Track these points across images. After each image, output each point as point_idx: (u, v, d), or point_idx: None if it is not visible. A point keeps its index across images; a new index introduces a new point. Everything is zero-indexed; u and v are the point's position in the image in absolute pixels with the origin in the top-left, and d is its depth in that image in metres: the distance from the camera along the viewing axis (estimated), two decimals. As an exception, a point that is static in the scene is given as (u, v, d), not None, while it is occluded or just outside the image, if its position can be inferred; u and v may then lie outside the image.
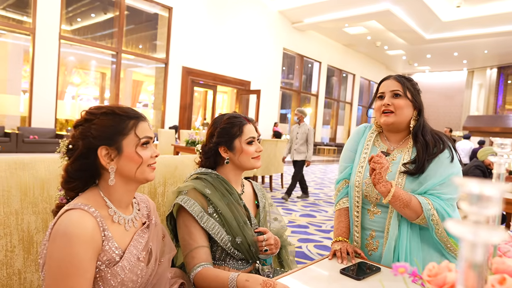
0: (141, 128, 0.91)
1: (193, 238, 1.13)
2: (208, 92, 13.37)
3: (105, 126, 0.87)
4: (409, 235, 1.26)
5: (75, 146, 0.87)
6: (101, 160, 0.86)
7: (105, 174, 0.90)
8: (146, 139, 0.91)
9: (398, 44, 16.00)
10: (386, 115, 1.33)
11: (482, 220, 0.29)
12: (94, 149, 0.86)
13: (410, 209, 1.21)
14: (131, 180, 0.91)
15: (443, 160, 1.26)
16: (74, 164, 0.87)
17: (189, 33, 10.57)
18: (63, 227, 0.79)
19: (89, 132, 0.86)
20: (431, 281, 0.61)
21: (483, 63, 19.43)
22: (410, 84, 1.33)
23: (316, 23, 13.59)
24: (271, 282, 0.91)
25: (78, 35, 10.87)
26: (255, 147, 1.26)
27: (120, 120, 0.89)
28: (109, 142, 0.87)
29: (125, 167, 0.88)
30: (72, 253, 0.77)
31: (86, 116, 0.89)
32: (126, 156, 0.88)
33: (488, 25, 13.19)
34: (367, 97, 20.05)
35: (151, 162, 0.93)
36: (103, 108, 0.90)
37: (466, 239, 0.29)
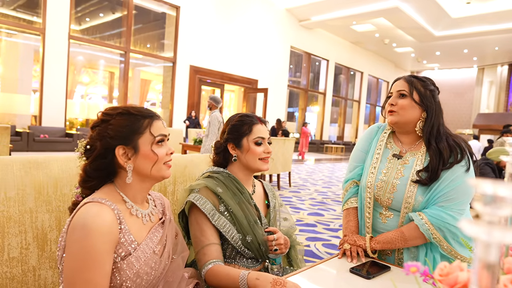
0: (155, 126, 0.93)
1: (205, 235, 1.14)
2: (215, 90, 13.41)
3: (121, 126, 0.90)
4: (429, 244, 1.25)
5: (93, 146, 0.90)
6: (118, 159, 0.89)
7: (121, 173, 0.92)
8: (161, 137, 0.93)
9: (406, 42, 15.85)
10: (390, 114, 1.32)
11: (496, 221, 0.29)
12: (111, 149, 0.89)
13: (413, 240, 1.21)
14: (147, 178, 0.94)
15: (457, 170, 1.22)
16: (92, 164, 0.90)
17: (197, 32, 10.60)
18: (82, 220, 0.81)
19: (106, 132, 0.89)
20: (442, 281, 0.61)
21: (494, 60, 19.14)
22: (421, 85, 1.29)
23: (324, 20, 13.52)
24: (281, 281, 0.92)
25: (87, 35, 10.97)
26: (263, 148, 1.26)
27: (135, 120, 0.91)
28: (125, 141, 0.89)
29: (141, 166, 0.91)
30: (90, 246, 0.79)
31: (102, 117, 0.92)
32: (142, 155, 0.91)
33: (498, 22, 13.00)
34: (375, 95, 19.91)
35: (167, 160, 0.95)
36: (119, 109, 0.93)
37: (480, 239, 0.29)
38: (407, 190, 1.25)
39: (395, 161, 1.34)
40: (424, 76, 1.36)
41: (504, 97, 20.03)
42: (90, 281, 0.79)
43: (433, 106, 1.28)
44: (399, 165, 1.32)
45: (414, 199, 1.24)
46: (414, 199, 1.24)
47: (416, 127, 1.30)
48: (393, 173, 1.31)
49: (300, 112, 16.00)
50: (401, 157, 1.34)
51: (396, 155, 1.35)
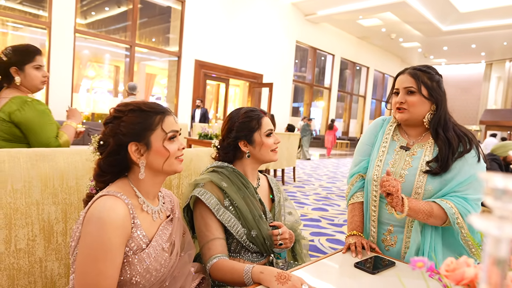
0: (167, 122, 0.94)
1: (209, 230, 1.15)
2: (220, 85, 13.39)
3: (133, 123, 0.91)
4: (433, 234, 1.24)
5: (106, 142, 0.91)
6: (131, 155, 0.90)
7: (134, 168, 0.94)
8: (173, 133, 0.95)
9: (413, 36, 15.67)
10: (400, 112, 1.30)
11: (507, 215, 0.29)
12: (124, 145, 0.90)
13: (435, 218, 1.18)
14: (159, 173, 0.95)
15: (469, 159, 1.22)
16: (106, 160, 0.92)
17: (202, 26, 10.57)
18: (97, 212, 0.83)
19: (119, 129, 0.90)
20: (449, 276, 0.60)
21: (502, 55, 18.87)
22: (427, 77, 1.27)
23: (330, 15, 13.40)
24: (285, 274, 0.92)
25: (92, 29, 10.98)
26: (274, 138, 1.28)
27: (147, 116, 0.92)
28: (138, 138, 0.90)
29: (154, 161, 0.92)
30: (104, 238, 0.81)
31: (114, 114, 0.93)
32: (155, 151, 0.92)
33: (507, 16, 12.79)
34: (381, 90, 19.76)
35: (179, 155, 0.97)
36: (130, 105, 0.94)
37: (490, 234, 0.29)
38: (416, 180, 1.25)
39: (403, 153, 1.33)
40: (425, 65, 1.33)
41: (512, 93, 19.78)
42: (101, 272, 0.80)
43: (441, 97, 1.27)
44: (407, 156, 1.31)
45: (423, 189, 1.24)
46: (423, 188, 1.24)
47: (424, 119, 1.29)
48: (401, 164, 1.31)
49: (305, 107, 15.93)
50: (409, 148, 1.33)
51: (403, 147, 1.34)
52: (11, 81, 1.66)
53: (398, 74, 1.34)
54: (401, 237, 1.29)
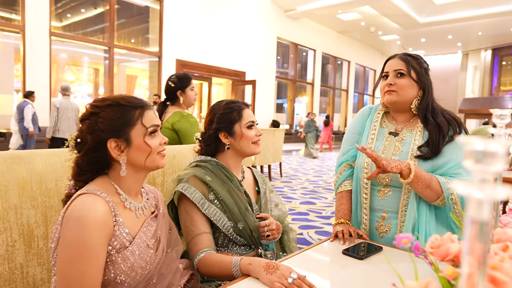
0: (147, 117, 0.91)
1: (195, 224, 1.13)
2: (203, 84, 13.29)
3: (111, 119, 0.88)
4: (427, 217, 1.25)
5: (84, 140, 0.88)
6: (111, 152, 0.87)
7: (115, 165, 0.91)
8: (154, 128, 0.92)
9: (392, 29, 15.90)
10: (389, 93, 1.31)
11: (487, 178, 0.29)
12: (103, 142, 0.87)
13: (432, 190, 1.19)
14: (141, 169, 0.93)
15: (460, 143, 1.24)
16: (84, 158, 0.89)
17: (182, 25, 10.46)
18: (76, 211, 0.80)
19: (97, 125, 0.87)
20: (434, 253, 0.61)
21: (478, 45, 19.38)
22: (416, 63, 1.30)
23: (309, 10, 13.46)
24: (273, 264, 0.91)
25: (68, 31, 10.72)
26: (255, 131, 1.26)
27: (126, 111, 0.89)
28: (117, 134, 0.88)
29: (135, 158, 0.90)
30: (85, 237, 0.78)
31: (91, 110, 0.90)
32: (135, 147, 0.89)
33: (481, 6, 13.12)
34: (363, 84, 19.99)
35: (161, 150, 0.94)
36: (108, 100, 0.90)
37: (473, 197, 0.28)
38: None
39: (392, 139, 1.34)
40: (415, 54, 1.36)
41: (488, 81, 20.34)
42: (83, 273, 0.78)
43: (429, 84, 1.29)
44: (396, 142, 1.33)
45: None
46: None
47: (412, 105, 1.30)
48: (391, 150, 1.32)
49: (289, 103, 15.98)
50: (398, 134, 1.34)
51: (392, 132, 1.35)
52: (175, 100, 2.26)
53: (388, 59, 1.36)
54: (395, 223, 1.30)
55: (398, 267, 1.07)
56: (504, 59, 19.88)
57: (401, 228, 1.28)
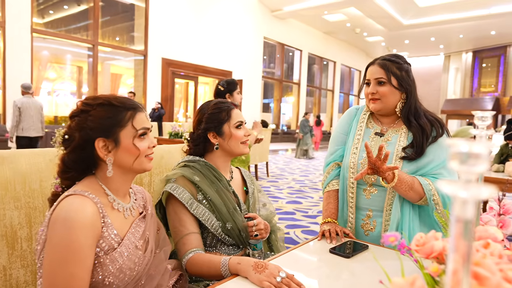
0: (138, 119, 0.90)
1: (184, 225, 1.13)
2: (189, 83, 13.19)
3: (102, 118, 0.86)
4: (411, 216, 1.28)
5: (72, 137, 0.86)
6: (98, 152, 0.86)
7: (102, 165, 0.90)
8: (144, 131, 0.91)
9: (377, 31, 16.14)
10: (373, 102, 1.34)
11: (472, 178, 0.30)
12: (91, 141, 0.86)
13: (414, 192, 1.22)
14: (129, 171, 0.92)
15: (442, 143, 1.28)
16: (70, 155, 0.87)
17: (168, 23, 10.36)
18: (64, 213, 0.78)
19: (86, 123, 0.86)
20: (419, 251, 0.63)
21: (459, 47, 19.86)
22: (396, 67, 1.31)
23: (296, 10, 13.54)
24: (262, 263, 0.92)
25: (51, 28, 10.48)
26: (244, 131, 1.27)
27: (117, 112, 0.88)
28: (106, 134, 0.86)
29: (122, 159, 0.89)
30: (73, 239, 0.77)
31: (82, 107, 0.88)
32: (124, 148, 0.88)
33: (462, 10, 13.46)
34: (348, 84, 20.22)
35: (149, 153, 0.93)
36: (100, 99, 0.89)
37: (458, 197, 0.30)
38: (393, 165, 1.28)
39: (378, 139, 1.37)
40: (394, 54, 1.37)
41: (469, 82, 20.88)
42: (71, 276, 0.77)
43: (411, 86, 1.31)
44: (382, 142, 1.35)
45: None
46: None
47: (396, 108, 1.33)
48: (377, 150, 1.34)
49: (275, 103, 16.03)
50: (383, 134, 1.37)
51: (378, 133, 1.38)
52: None
53: (369, 65, 1.37)
54: (380, 221, 1.33)
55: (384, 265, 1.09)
56: (484, 61, 20.43)
57: (386, 227, 1.30)
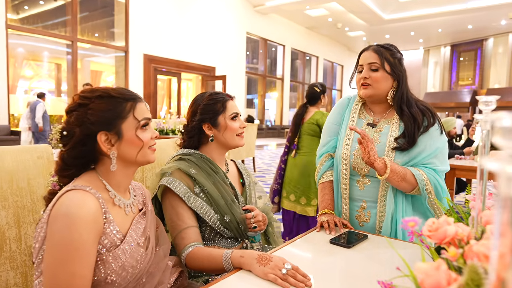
0: (139, 109, 0.88)
1: (181, 219, 1.10)
2: (172, 80, 13.01)
3: (102, 111, 0.83)
4: (404, 205, 1.29)
5: (71, 133, 0.82)
6: (101, 146, 0.83)
7: (103, 159, 0.87)
8: (146, 121, 0.89)
9: (358, 25, 16.30)
10: (364, 87, 1.32)
11: (516, 153, 0.29)
12: (92, 135, 0.82)
13: (407, 182, 1.23)
14: (132, 164, 0.89)
15: (433, 133, 1.28)
16: (71, 152, 0.83)
17: (149, 19, 10.16)
18: (65, 208, 0.75)
19: (86, 117, 0.82)
20: (432, 236, 0.62)
21: (438, 41, 20.30)
22: (389, 54, 1.31)
23: (278, 5, 13.51)
24: (266, 256, 0.90)
25: (27, 24, 10.12)
26: (239, 123, 1.24)
27: (117, 103, 0.85)
28: (108, 127, 0.83)
29: (126, 152, 0.86)
30: (74, 236, 0.73)
31: (79, 101, 0.84)
32: (127, 140, 0.85)
33: (440, 4, 13.75)
34: (331, 79, 20.38)
35: (152, 144, 0.91)
36: (98, 91, 0.85)
37: (503, 173, 0.29)
38: (385, 155, 1.28)
39: (370, 130, 1.36)
40: (387, 43, 1.37)
41: (448, 76, 21.40)
42: (74, 274, 0.73)
43: (403, 74, 1.31)
44: (374, 133, 1.35)
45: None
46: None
47: (388, 96, 1.32)
48: None
49: (259, 99, 16.02)
50: (375, 125, 1.36)
51: (370, 123, 1.37)
52: (315, 102, 2.88)
53: (362, 51, 1.36)
54: (375, 212, 1.32)
55: (382, 253, 1.10)
56: (462, 55, 20.97)
57: (380, 218, 1.31)
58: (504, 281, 0.31)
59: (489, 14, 14.93)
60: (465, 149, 3.60)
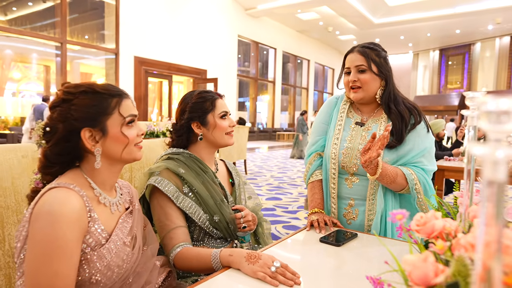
0: (124, 106, 0.85)
1: (170, 219, 1.08)
2: (163, 82, 12.95)
3: (86, 106, 0.81)
4: (393, 204, 1.30)
5: (54, 129, 0.80)
6: (85, 143, 0.81)
7: (88, 156, 0.84)
8: (131, 118, 0.86)
9: (349, 29, 16.46)
10: (355, 91, 1.33)
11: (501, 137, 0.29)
12: (76, 131, 0.80)
13: (397, 182, 1.23)
14: (117, 161, 0.87)
15: (420, 131, 1.29)
16: (54, 148, 0.81)
17: (140, 21, 10.10)
18: (48, 206, 0.73)
19: (69, 113, 0.80)
20: (420, 230, 0.62)
21: (427, 45, 20.60)
22: (375, 54, 1.31)
23: (270, 9, 13.58)
24: (255, 254, 0.89)
25: (15, 26, 9.98)
26: (228, 121, 1.23)
27: (102, 99, 0.83)
28: (92, 123, 0.81)
29: (111, 149, 0.84)
30: (58, 234, 0.71)
31: (63, 96, 0.82)
32: (112, 137, 0.83)
33: (429, 9, 13.97)
34: (322, 82, 20.51)
35: (138, 141, 0.89)
36: (82, 86, 0.83)
37: (489, 158, 0.28)
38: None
39: (359, 129, 1.37)
40: (371, 42, 1.38)
41: (437, 79, 21.71)
42: (56, 273, 0.71)
43: (389, 73, 1.32)
44: (363, 131, 1.35)
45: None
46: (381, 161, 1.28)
47: (376, 95, 1.33)
48: (358, 140, 1.35)
49: (251, 102, 16.03)
50: (363, 124, 1.37)
51: (358, 123, 1.38)
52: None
53: (348, 53, 1.37)
54: (363, 210, 1.33)
55: (371, 251, 1.10)
56: (450, 59, 21.31)
57: (369, 216, 1.31)
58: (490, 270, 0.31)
59: (476, 19, 15.23)
60: (454, 151, 3.65)
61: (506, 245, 0.37)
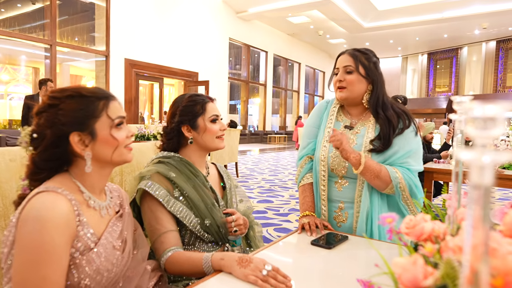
0: (112, 108, 0.85)
1: (161, 223, 1.07)
2: (154, 85, 12.89)
3: (73, 110, 0.80)
4: (379, 205, 1.31)
5: (41, 135, 0.79)
6: (74, 147, 0.80)
7: (77, 161, 0.84)
8: (120, 120, 0.86)
9: (339, 33, 16.61)
10: (340, 90, 1.36)
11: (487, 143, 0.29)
12: (64, 136, 0.79)
13: (381, 179, 1.25)
14: (107, 164, 0.86)
15: (408, 135, 1.31)
16: (42, 155, 0.80)
17: (131, 23, 10.05)
18: (35, 211, 0.72)
19: (57, 118, 0.79)
20: (409, 233, 0.63)
21: (415, 49, 20.91)
22: (365, 58, 1.34)
23: (260, 12, 13.63)
24: (247, 258, 0.89)
25: (3, 27, 9.84)
26: (219, 125, 1.23)
27: (89, 102, 0.82)
28: (80, 127, 0.80)
29: (101, 152, 0.83)
30: (45, 239, 0.70)
31: (49, 101, 0.81)
32: (101, 140, 0.82)
33: (418, 14, 14.19)
34: (313, 85, 20.63)
35: (128, 143, 0.88)
36: (68, 91, 0.82)
37: (475, 163, 0.29)
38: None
39: (347, 132, 1.38)
40: (365, 48, 1.40)
41: (425, 83, 22.03)
42: (44, 278, 0.70)
43: (377, 77, 1.34)
44: (351, 135, 1.37)
45: None
46: None
47: (363, 99, 1.35)
48: None
49: (242, 104, 16.04)
50: (352, 127, 1.39)
51: (347, 126, 1.40)
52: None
53: (339, 55, 1.39)
54: (352, 212, 1.34)
55: (363, 253, 1.11)
56: (438, 63, 21.64)
57: (357, 218, 1.33)
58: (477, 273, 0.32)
59: (463, 24, 15.53)
60: (442, 153, 3.70)
61: (493, 247, 0.38)
